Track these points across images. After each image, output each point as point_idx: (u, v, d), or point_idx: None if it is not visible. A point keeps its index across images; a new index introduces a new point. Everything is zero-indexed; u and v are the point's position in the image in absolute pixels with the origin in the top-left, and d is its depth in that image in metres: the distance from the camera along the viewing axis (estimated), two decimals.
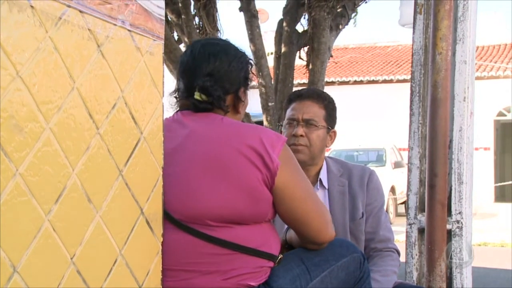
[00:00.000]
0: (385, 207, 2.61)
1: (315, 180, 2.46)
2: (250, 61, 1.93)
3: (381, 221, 2.50)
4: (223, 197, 1.67)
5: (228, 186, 1.67)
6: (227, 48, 1.87)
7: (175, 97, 1.88)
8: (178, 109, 1.87)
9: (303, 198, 1.75)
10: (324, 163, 2.50)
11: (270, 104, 6.65)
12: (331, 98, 2.52)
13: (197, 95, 1.79)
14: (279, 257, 1.79)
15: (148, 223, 1.54)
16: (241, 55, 1.88)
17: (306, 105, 2.43)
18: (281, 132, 2.46)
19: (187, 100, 1.81)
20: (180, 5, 6.49)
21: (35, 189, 1.19)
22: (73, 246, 1.29)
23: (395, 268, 2.44)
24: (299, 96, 2.48)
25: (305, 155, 2.39)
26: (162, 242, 1.59)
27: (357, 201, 2.45)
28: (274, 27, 7.28)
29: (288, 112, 2.46)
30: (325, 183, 2.46)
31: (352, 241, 2.32)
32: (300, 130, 2.38)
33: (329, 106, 2.47)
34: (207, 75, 1.80)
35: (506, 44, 18.92)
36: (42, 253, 1.21)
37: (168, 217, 1.66)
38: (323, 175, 2.47)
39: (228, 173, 1.67)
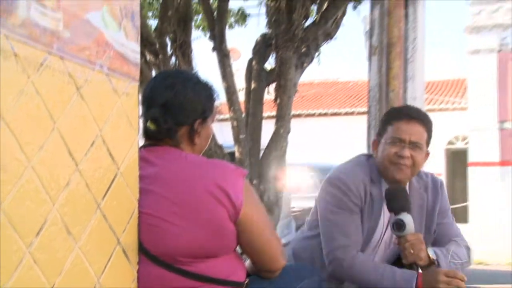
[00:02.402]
0: None
1: None
2: (214, 94, 1.86)
3: (451, 223, 2.46)
4: (192, 236, 1.64)
5: (196, 225, 1.64)
6: (187, 80, 1.81)
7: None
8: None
9: (262, 230, 1.74)
10: None
11: (241, 136, 6.65)
12: (431, 121, 2.39)
13: (149, 124, 1.74)
14: (246, 281, 1.77)
15: (124, 252, 1.53)
16: (200, 88, 1.82)
17: (415, 127, 2.29)
18: (373, 145, 2.37)
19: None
20: (157, 46, 6.51)
21: (17, 223, 1.18)
22: (53, 276, 1.28)
23: (463, 256, 2.33)
24: (408, 116, 2.32)
25: (406, 176, 2.30)
26: (137, 269, 1.58)
27: (434, 215, 2.39)
28: (245, 64, 7.32)
29: (394, 130, 2.29)
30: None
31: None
32: (407, 152, 2.25)
33: (431, 129, 2.36)
34: (161, 105, 1.74)
35: (456, 80, 19.28)
36: (24, 284, 1.19)
37: (143, 252, 1.63)
38: (407, 188, 2.36)
39: (197, 213, 1.64)
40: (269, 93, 7.17)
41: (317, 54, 7.38)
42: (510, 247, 11.58)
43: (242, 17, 8.41)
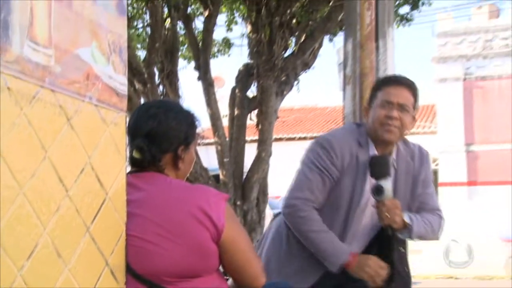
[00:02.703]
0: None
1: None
2: (195, 123, 1.85)
3: (432, 193, 2.48)
4: (177, 257, 1.63)
5: (181, 247, 1.63)
6: (169, 110, 1.80)
7: None
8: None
9: (243, 250, 1.74)
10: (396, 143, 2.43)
11: (225, 159, 6.66)
12: (417, 88, 2.43)
13: (135, 153, 1.73)
14: None
15: (112, 273, 1.51)
16: (182, 117, 1.81)
17: (402, 91, 2.34)
18: (364, 111, 2.41)
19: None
20: (146, 75, 6.53)
21: (9, 247, 1.17)
22: None
23: (435, 224, 2.40)
24: (395, 82, 2.40)
25: (395, 136, 2.32)
26: None
27: (418, 181, 2.41)
28: (229, 91, 7.36)
29: (384, 94, 2.34)
30: (395, 164, 2.39)
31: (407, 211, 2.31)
32: (396, 113, 2.28)
33: (416, 95, 2.41)
34: (145, 135, 1.74)
35: (425, 105, 19.48)
36: None
37: (130, 272, 1.61)
38: (395, 155, 2.40)
39: (181, 235, 1.63)
40: (252, 119, 7.21)
41: (296, 82, 7.46)
42: (478, 262, 11.64)
43: (227, 45, 8.47)
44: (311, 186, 2.32)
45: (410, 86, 2.39)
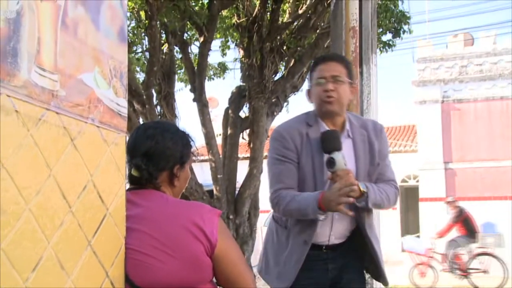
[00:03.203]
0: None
1: (342, 129, 2.40)
2: (190, 143, 1.86)
3: (388, 165, 2.47)
4: (173, 269, 1.63)
5: (177, 260, 1.63)
6: (165, 131, 1.80)
7: None
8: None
9: (236, 263, 1.74)
10: (346, 116, 2.44)
11: (219, 176, 6.66)
12: (348, 60, 2.44)
13: (133, 172, 1.75)
14: None
15: (112, 284, 1.51)
16: (178, 137, 1.81)
17: (332, 65, 2.36)
18: (308, 94, 2.41)
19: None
20: (144, 97, 6.54)
21: (15, 260, 1.17)
22: None
23: (390, 193, 2.40)
24: (324, 59, 2.41)
25: (335, 106, 2.33)
26: None
27: (374, 149, 2.40)
28: (223, 112, 7.37)
29: (316, 73, 2.37)
30: (350, 134, 2.40)
31: (368, 181, 2.32)
32: (330, 86, 2.31)
33: (349, 65, 2.42)
34: (143, 155, 1.74)
35: (406, 125, 19.60)
36: None
37: (129, 283, 1.61)
38: (348, 126, 2.41)
39: (177, 249, 1.63)
40: (244, 138, 7.22)
41: (285, 103, 7.49)
42: None
43: (223, 69, 8.51)
44: (279, 178, 2.38)
45: (339, 59, 2.43)
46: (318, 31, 6.72)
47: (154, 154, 1.75)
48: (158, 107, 6.84)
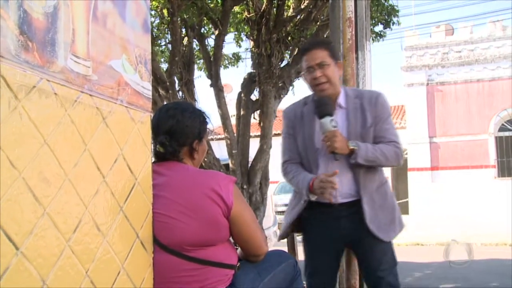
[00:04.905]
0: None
1: (335, 102, 2.32)
2: (206, 120, 1.85)
3: (389, 128, 2.32)
4: (195, 229, 1.62)
5: (198, 221, 1.62)
6: (184, 110, 1.79)
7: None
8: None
9: (249, 224, 1.73)
10: (342, 90, 2.36)
11: (234, 151, 6.64)
12: (329, 40, 2.38)
13: (158, 148, 1.73)
14: (238, 265, 1.76)
15: (142, 244, 1.51)
16: (195, 116, 1.80)
17: (314, 53, 2.28)
18: (304, 80, 2.36)
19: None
20: (168, 83, 6.51)
21: (58, 222, 1.17)
22: (87, 263, 1.27)
23: (388, 151, 2.26)
24: (307, 49, 2.33)
25: (329, 89, 2.28)
26: (153, 257, 1.56)
27: (366, 114, 2.30)
28: (236, 96, 7.33)
29: (304, 63, 2.31)
30: (343, 105, 2.32)
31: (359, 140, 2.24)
32: (318, 73, 2.25)
33: (329, 46, 2.35)
34: (166, 132, 1.73)
35: (397, 106, 19.41)
36: (64, 270, 1.17)
37: (157, 243, 1.61)
38: (341, 99, 2.33)
39: (198, 211, 1.62)
40: (255, 118, 7.19)
41: (291, 87, 7.42)
42: (439, 232, 11.63)
43: (236, 58, 8.45)
44: (285, 151, 2.44)
45: (319, 44, 2.34)
46: (318, 23, 6.63)
47: (175, 131, 1.74)
48: (180, 92, 6.81)
